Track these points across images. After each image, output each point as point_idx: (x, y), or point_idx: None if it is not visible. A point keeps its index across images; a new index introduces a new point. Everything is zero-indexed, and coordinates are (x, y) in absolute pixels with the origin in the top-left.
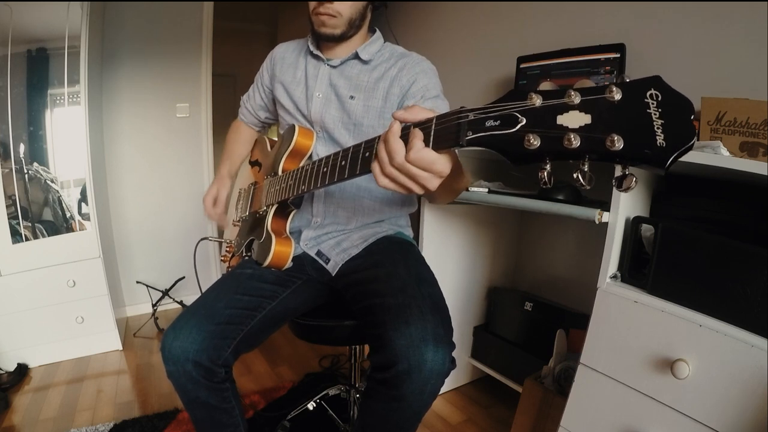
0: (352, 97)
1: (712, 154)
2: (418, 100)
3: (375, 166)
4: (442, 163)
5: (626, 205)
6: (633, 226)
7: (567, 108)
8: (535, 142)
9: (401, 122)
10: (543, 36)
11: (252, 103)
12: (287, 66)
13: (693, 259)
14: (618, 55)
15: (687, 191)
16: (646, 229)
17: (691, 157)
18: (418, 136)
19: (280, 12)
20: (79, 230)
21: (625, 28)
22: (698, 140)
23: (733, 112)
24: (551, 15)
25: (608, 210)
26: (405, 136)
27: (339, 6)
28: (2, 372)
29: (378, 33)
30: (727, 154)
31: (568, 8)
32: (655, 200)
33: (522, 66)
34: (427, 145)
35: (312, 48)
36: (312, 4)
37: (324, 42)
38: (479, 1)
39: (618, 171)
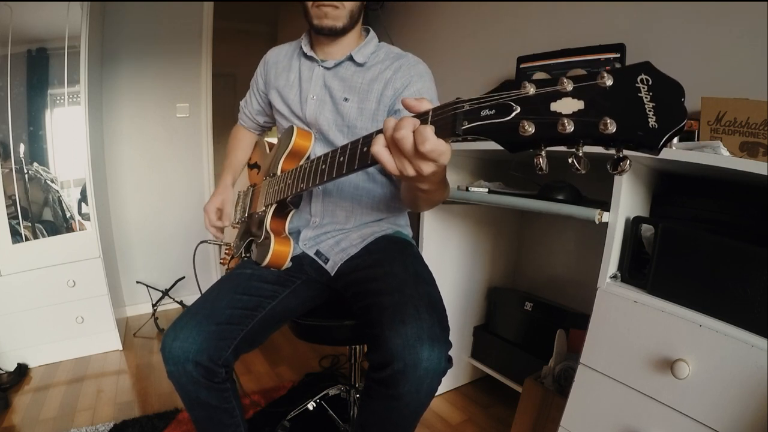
0: (346, 99)
1: (712, 154)
2: None
3: (379, 137)
4: (443, 145)
5: (626, 205)
6: (633, 226)
7: (560, 95)
8: (529, 128)
9: (406, 108)
10: (543, 36)
11: (250, 108)
12: (281, 70)
13: (693, 259)
14: (618, 55)
15: (687, 191)
16: (646, 229)
17: (691, 157)
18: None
19: (281, 12)
20: (79, 230)
21: (625, 28)
22: (698, 140)
23: (733, 112)
24: (551, 15)
25: (608, 210)
26: None
27: None
28: (2, 372)
29: (372, 33)
30: (727, 154)
31: (568, 8)
32: (655, 200)
33: (522, 66)
34: None
35: (306, 49)
36: None
37: (321, 39)
38: (479, 0)
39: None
